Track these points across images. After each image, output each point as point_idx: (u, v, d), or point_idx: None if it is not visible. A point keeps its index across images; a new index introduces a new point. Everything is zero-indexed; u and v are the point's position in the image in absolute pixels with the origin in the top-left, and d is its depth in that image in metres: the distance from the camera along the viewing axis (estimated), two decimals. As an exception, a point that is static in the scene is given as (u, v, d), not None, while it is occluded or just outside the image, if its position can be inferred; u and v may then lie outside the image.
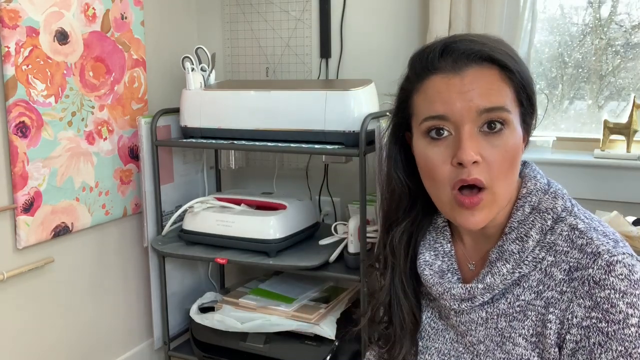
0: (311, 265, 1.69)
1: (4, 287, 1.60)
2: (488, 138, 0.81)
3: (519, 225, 0.85)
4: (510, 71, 0.81)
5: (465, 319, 0.89)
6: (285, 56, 2.18)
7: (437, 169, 0.83)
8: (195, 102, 1.89)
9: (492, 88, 0.80)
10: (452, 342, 0.92)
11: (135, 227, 2.03)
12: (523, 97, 0.84)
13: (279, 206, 1.86)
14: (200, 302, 1.96)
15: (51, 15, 1.65)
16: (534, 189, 0.87)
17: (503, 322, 0.85)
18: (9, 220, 1.60)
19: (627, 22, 1.82)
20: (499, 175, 0.81)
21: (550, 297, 0.81)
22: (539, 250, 0.84)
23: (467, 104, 0.79)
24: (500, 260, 0.85)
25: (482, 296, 0.86)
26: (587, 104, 1.91)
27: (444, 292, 0.88)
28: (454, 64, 0.81)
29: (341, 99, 1.68)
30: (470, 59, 0.81)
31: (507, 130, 0.81)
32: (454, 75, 0.81)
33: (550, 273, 0.82)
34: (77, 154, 1.77)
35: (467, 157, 0.79)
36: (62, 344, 1.79)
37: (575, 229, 0.83)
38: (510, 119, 0.81)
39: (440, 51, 0.83)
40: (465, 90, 0.80)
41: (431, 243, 0.95)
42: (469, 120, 0.80)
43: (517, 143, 0.82)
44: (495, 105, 0.80)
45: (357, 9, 2.05)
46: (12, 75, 1.55)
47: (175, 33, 2.19)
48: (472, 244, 0.93)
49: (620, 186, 1.74)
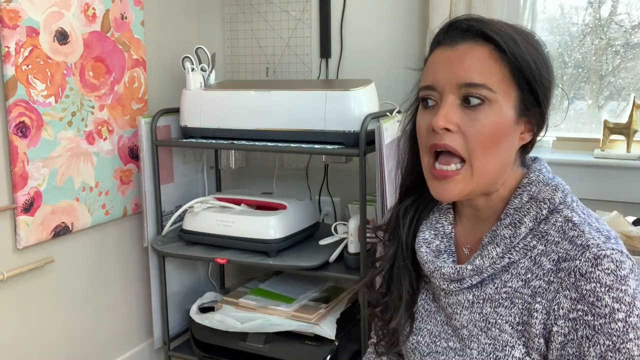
0: (311, 265, 1.69)
1: (4, 287, 1.60)
2: (466, 111, 0.83)
3: (514, 212, 0.87)
4: (503, 50, 0.83)
5: (452, 300, 0.90)
6: (285, 56, 2.18)
7: (421, 134, 0.88)
8: (195, 102, 1.89)
9: (479, 65, 0.83)
10: (443, 324, 0.93)
11: (135, 227, 2.03)
12: (520, 81, 0.84)
13: (279, 206, 1.86)
14: (200, 302, 1.96)
15: (51, 15, 1.65)
16: (536, 180, 0.88)
17: (488, 307, 0.86)
18: (9, 220, 1.60)
19: (627, 22, 1.82)
20: (476, 148, 0.83)
21: (538, 286, 0.82)
22: (530, 238, 0.85)
23: (450, 75, 0.84)
24: (491, 244, 0.87)
25: (471, 278, 0.87)
26: (587, 104, 1.92)
27: (435, 270, 0.90)
28: (452, 38, 0.86)
29: (341, 99, 1.68)
30: (465, 34, 0.85)
31: (488, 107, 0.83)
32: (449, 48, 0.85)
33: (539, 262, 0.83)
34: (77, 154, 1.77)
35: (437, 122, 0.83)
36: (62, 344, 1.79)
37: (570, 221, 0.84)
38: (493, 97, 0.83)
39: (447, 26, 0.88)
40: (452, 62, 0.84)
41: (433, 223, 0.97)
42: (450, 91, 0.84)
43: (498, 121, 0.83)
44: (476, 82, 0.82)
45: (357, 9, 2.05)
46: (12, 75, 1.55)
47: (175, 33, 2.19)
48: (469, 227, 0.95)
49: (620, 186, 1.74)
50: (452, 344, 0.90)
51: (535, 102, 0.86)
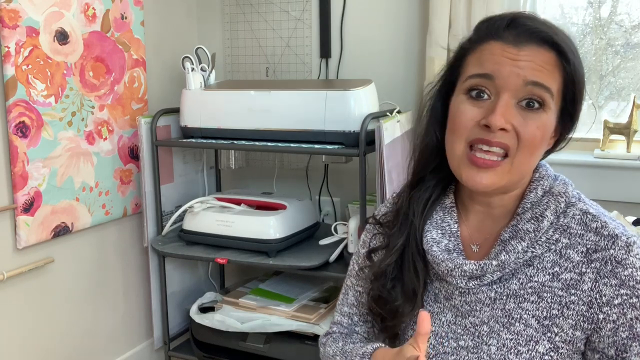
0: (311, 265, 1.69)
1: (4, 287, 1.60)
2: (523, 113, 0.82)
3: (532, 207, 0.87)
4: (567, 60, 0.83)
5: (471, 298, 0.89)
6: (285, 56, 2.18)
7: (463, 123, 0.84)
8: (195, 102, 1.89)
9: (545, 68, 0.82)
10: (450, 324, 0.92)
11: (135, 227, 2.03)
12: (569, 93, 0.85)
13: (279, 206, 1.86)
14: (200, 302, 1.96)
15: (51, 15, 1.65)
16: (546, 175, 0.90)
17: (512, 302, 0.86)
18: (9, 220, 1.60)
19: (627, 22, 1.82)
20: (524, 149, 0.82)
21: (569, 278, 0.84)
22: (552, 232, 0.86)
23: (516, 70, 0.81)
24: (514, 238, 0.86)
25: (493, 274, 0.86)
26: (587, 104, 1.92)
27: (455, 267, 0.88)
28: (516, 37, 0.83)
29: (341, 99, 1.68)
30: (532, 36, 0.82)
31: (544, 112, 0.82)
32: (513, 47, 0.82)
33: (566, 255, 0.85)
34: (77, 154, 1.77)
35: (497, 122, 0.80)
36: (62, 344, 1.79)
37: (587, 213, 0.86)
38: (550, 103, 0.82)
39: (508, 22, 0.84)
40: (518, 59, 0.81)
41: (438, 222, 0.94)
42: (512, 87, 0.81)
43: (548, 127, 0.84)
44: (543, 82, 0.81)
45: (357, 9, 2.05)
46: (12, 75, 1.55)
47: (175, 33, 2.19)
48: (477, 225, 0.93)
49: (620, 186, 1.73)
50: (463, 342, 0.89)
51: (571, 114, 0.87)
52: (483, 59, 0.84)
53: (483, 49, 0.85)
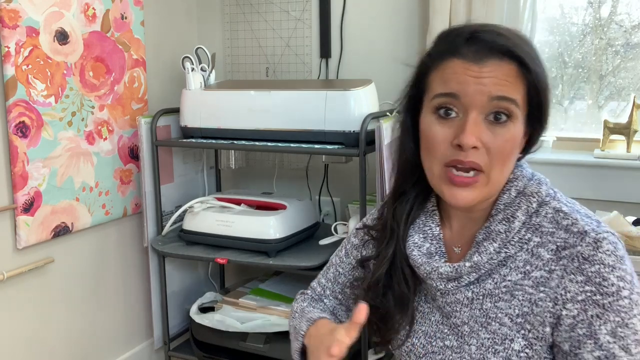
0: (311, 265, 1.69)
1: (4, 287, 1.60)
2: (492, 127, 0.84)
3: (505, 208, 0.89)
4: (528, 69, 0.84)
5: (450, 299, 0.91)
6: (285, 56, 2.18)
7: (436, 145, 0.86)
8: (195, 102, 1.89)
9: (508, 81, 0.83)
10: (438, 324, 0.94)
11: (135, 227, 2.03)
12: (533, 99, 0.86)
13: (279, 206, 1.86)
14: (200, 302, 1.96)
15: (51, 15, 1.65)
16: (520, 175, 0.91)
17: (488, 302, 0.88)
18: (9, 220, 1.60)
19: (627, 22, 1.82)
20: (497, 162, 0.84)
21: (539, 276, 0.84)
22: (524, 232, 0.87)
23: (480, 88, 0.82)
24: (487, 240, 0.88)
25: (469, 275, 0.88)
26: (587, 104, 1.92)
27: (432, 271, 0.91)
28: (476, 53, 0.84)
29: (341, 99, 1.68)
30: (492, 51, 0.83)
31: (512, 123, 0.84)
32: (474, 64, 0.83)
33: (537, 253, 0.86)
34: (77, 154, 1.77)
35: (468, 141, 0.82)
36: (62, 344, 1.80)
37: (560, 211, 0.86)
38: (516, 112, 0.84)
39: (467, 37, 0.85)
40: (481, 76, 0.83)
41: (420, 226, 0.97)
42: (478, 104, 0.83)
43: (517, 137, 0.85)
44: (507, 95, 0.83)
45: (357, 9, 2.05)
46: (12, 75, 1.55)
47: (175, 33, 2.19)
48: (459, 228, 0.95)
49: (620, 186, 1.73)
50: (449, 342, 0.91)
51: (539, 118, 0.88)
52: (446, 78, 0.85)
53: (445, 67, 0.86)
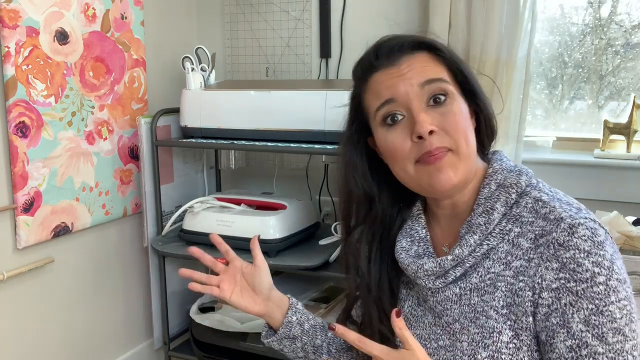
0: (311, 265, 1.69)
1: (4, 287, 1.60)
2: (436, 109, 0.88)
3: (485, 201, 0.90)
4: (438, 49, 0.91)
5: (440, 297, 0.92)
6: (285, 56, 2.18)
7: (398, 148, 0.89)
8: (195, 102, 1.89)
9: (427, 66, 0.90)
10: (431, 326, 0.94)
11: (135, 227, 2.03)
12: (458, 74, 0.92)
13: (279, 206, 1.86)
14: (200, 302, 1.96)
15: (51, 15, 1.65)
16: (500, 169, 0.92)
17: (475, 297, 0.88)
18: (9, 220, 1.60)
19: (627, 22, 1.82)
20: (458, 137, 0.87)
21: (519, 266, 0.84)
22: (505, 223, 0.88)
23: (408, 81, 0.88)
24: (468, 233, 0.89)
25: (454, 270, 0.89)
26: (587, 104, 1.91)
27: (418, 269, 0.92)
28: (388, 58, 0.90)
29: (341, 99, 1.68)
30: (400, 50, 0.90)
31: (451, 99, 0.89)
32: (391, 67, 0.90)
33: (517, 243, 0.86)
34: (77, 154, 1.77)
35: (424, 128, 0.85)
36: (62, 344, 1.79)
37: (539, 201, 0.87)
38: (450, 89, 0.89)
39: (374, 53, 0.93)
40: (403, 73, 0.89)
41: (407, 231, 0.99)
42: (414, 96, 0.87)
43: (464, 111, 0.90)
44: (432, 77, 0.88)
45: (357, 9, 2.05)
46: (12, 75, 1.55)
47: (175, 33, 2.19)
48: (446, 227, 0.97)
49: (620, 186, 1.73)
50: (442, 342, 0.91)
51: (472, 92, 0.93)
52: (377, 90, 0.91)
53: (371, 84, 0.93)
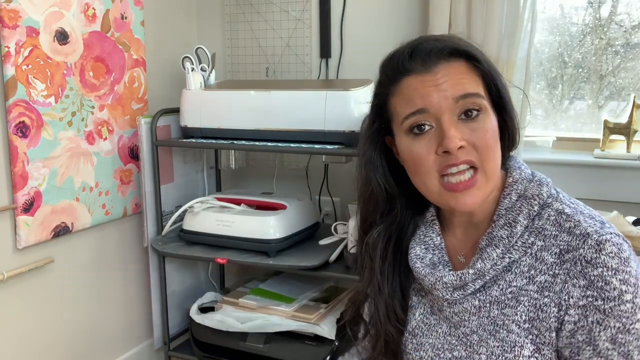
0: (311, 265, 1.69)
1: (4, 287, 1.60)
2: (467, 124, 0.84)
3: (506, 212, 0.88)
4: (477, 60, 0.87)
5: (458, 309, 0.90)
6: (285, 56, 2.18)
7: (422, 160, 0.86)
8: (195, 102, 1.89)
9: (464, 78, 0.85)
10: (445, 336, 0.93)
11: (135, 227, 2.03)
12: (492, 88, 0.89)
13: (279, 206, 1.86)
14: (200, 302, 1.96)
15: (51, 15, 1.65)
16: (520, 178, 0.90)
17: (495, 309, 0.87)
18: (9, 220, 1.60)
19: (627, 22, 1.82)
20: (487, 154, 0.85)
21: (544, 281, 0.83)
22: (527, 236, 0.86)
23: (442, 94, 0.84)
24: (490, 246, 0.87)
25: (474, 283, 0.87)
26: (587, 104, 1.91)
27: (436, 281, 0.90)
28: (423, 63, 0.86)
29: (341, 99, 1.68)
30: (437, 56, 0.86)
31: (483, 114, 0.85)
32: (425, 73, 0.85)
33: (541, 257, 0.84)
34: (77, 154, 1.77)
35: (453, 144, 0.83)
36: (62, 344, 1.79)
37: (562, 213, 0.85)
38: (484, 104, 0.86)
39: (409, 54, 0.88)
40: (439, 83, 0.84)
41: (421, 237, 0.97)
42: (447, 109, 0.84)
43: (494, 126, 0.87)
44: (469, 92, 0.84)
45: (357, 9, 2.05)
46: (12, 75, 1.55)
47: (175, 33, 2.19)
48: (462, 235, 0.95)
49: (620, 186, 1.73)
50: (457, 353, 0.90)
51: (502, 105, 0.90)
52: (408, 97, 0.87)
53: (402, 88, 0.88)
